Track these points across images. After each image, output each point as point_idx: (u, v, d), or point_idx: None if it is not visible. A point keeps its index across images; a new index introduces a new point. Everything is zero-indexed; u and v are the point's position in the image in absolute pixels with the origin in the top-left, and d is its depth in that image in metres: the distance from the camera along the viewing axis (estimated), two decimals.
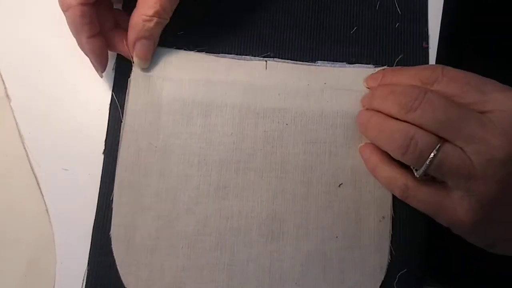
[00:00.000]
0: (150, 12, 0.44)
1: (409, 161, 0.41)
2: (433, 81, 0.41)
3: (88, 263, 0.46)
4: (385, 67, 0.49)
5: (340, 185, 0.46)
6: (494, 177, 0.38)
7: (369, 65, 0.49)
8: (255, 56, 0.49)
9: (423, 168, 0.39)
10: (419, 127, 0.40)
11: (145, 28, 0.45)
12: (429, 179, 0.42)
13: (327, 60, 0.49)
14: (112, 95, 0.49)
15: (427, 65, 0.44)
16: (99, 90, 0.50)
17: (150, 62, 0.48)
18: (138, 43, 0.46)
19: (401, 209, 0.46)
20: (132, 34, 0.45)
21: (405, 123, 0.40)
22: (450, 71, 0.41)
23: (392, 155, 0.42)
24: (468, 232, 0.42)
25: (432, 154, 0.38)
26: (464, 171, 0.38)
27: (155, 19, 0.44)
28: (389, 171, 0.43)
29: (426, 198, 0.41)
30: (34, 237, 0.47)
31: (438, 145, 0.38)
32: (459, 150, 0.38)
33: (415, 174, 0.41)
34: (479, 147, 0.38)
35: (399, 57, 0.50)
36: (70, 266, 0.46)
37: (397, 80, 0.44)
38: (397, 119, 0.41)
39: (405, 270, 0.46)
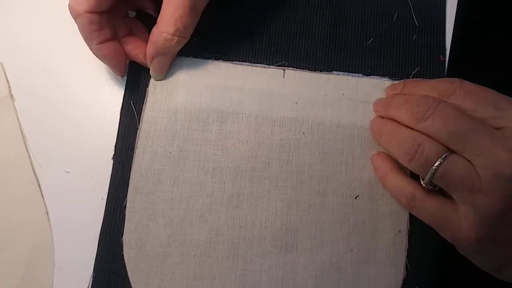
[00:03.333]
0: (171, 30, 0.44)
1: (415, 168, 0.41)
2: (451, 93, 0.41)
3: (93, 269, 0.45)
4: (405, 80, 0.48)
5: (356, 197, 0.46)
6: (500, 194, 0.37)
7: (385, 78, 0.49)
8: (269, 65, 0.49)
9: (428, 176, 0.39)
10: (430, 137, 0.40)
11: (165, 46, 0.45)
12: (436, 190, 0.41)
13: (342, 71, 0.49)
14: (123, 100, 0.48)
15: (446, 78, 0.44)
16: (105, 93, 0.49)
17: (166, 74, 0.48)
18: (156, 58, 0.46)
19: (417, 223, 0.45)
20: (151, 49, 0.46)
21: (416, 132, 0.40)
22: (468, 85, 0.41)
23: (400, 161, 0.42)
24: (472, 251, 0.41)
25: (438, 163, 0.38)
26: (468, 183, 0.38)
27: (175, 39, 0.44)
28: (397, 179, 0.43)
29: (433, 210, 0.41)
30: (33, 239, 0.46)
31: (445, 155, 0.38)
32: (466, 162, 0.38)
33: (422, 183, 0.41)
34: (486, 161, 0.37)
35: (416, 69, 0.49)
36: (69, 270, 0.46)
37: (416, 91, 0.44)
38: (410, 128, 0.41)
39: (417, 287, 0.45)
